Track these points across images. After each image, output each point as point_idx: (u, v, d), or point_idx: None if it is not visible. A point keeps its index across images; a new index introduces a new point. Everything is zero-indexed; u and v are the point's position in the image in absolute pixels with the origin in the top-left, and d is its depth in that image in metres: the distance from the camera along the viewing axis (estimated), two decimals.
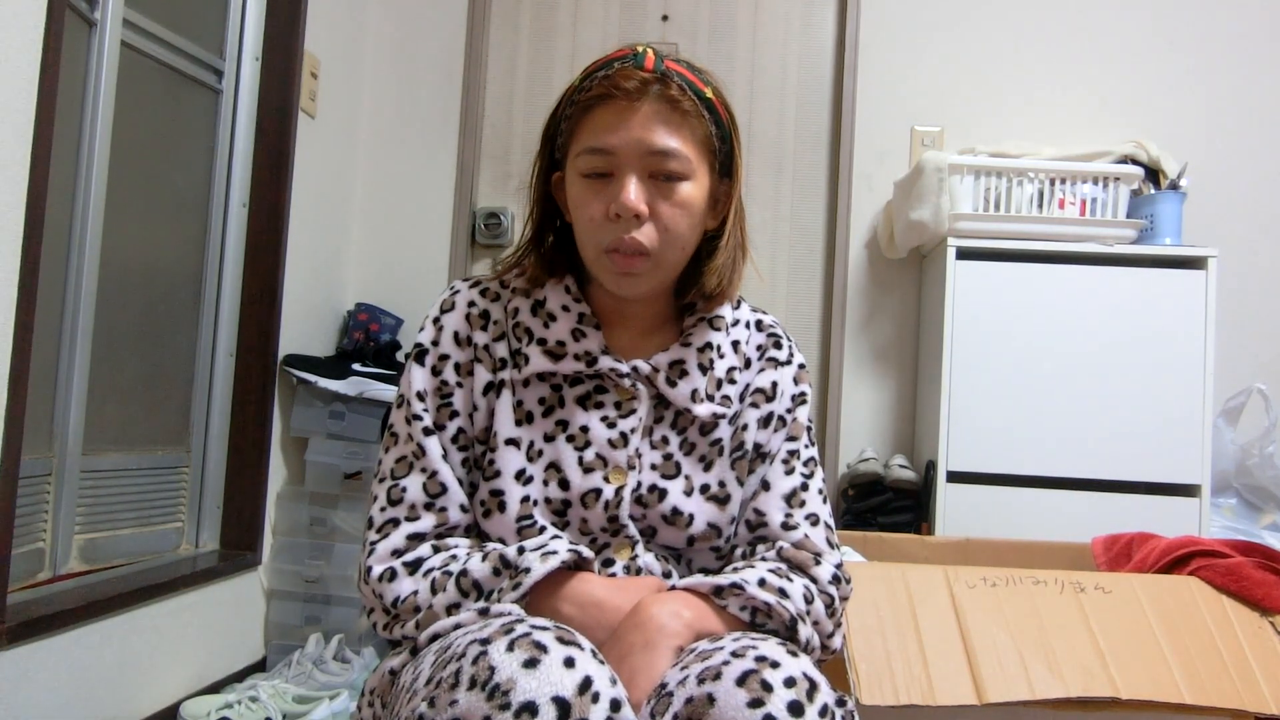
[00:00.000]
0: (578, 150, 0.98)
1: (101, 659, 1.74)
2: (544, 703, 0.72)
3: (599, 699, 0.74)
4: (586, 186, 0.98)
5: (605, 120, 0.96)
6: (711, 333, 1.06)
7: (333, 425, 2.31)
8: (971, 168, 2.35)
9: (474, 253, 2.84)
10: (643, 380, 1.03)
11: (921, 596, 1.41)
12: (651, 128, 0.95)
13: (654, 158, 0.96)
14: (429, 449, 0.99)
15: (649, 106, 0.96)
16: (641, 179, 0.96)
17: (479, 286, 1.07)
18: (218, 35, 2.22)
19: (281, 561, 2.30)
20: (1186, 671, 1.32)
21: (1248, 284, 2.60)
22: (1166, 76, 2.68)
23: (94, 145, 1.81)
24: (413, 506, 0.98)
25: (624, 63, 0.97)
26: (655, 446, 1.02)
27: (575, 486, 0.99)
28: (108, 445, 1.92)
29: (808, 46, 2.81)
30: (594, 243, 0.98)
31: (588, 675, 0.75)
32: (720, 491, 1.03)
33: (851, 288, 2.71)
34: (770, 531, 1.03)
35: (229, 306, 2.25)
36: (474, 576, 0.91)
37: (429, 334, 1.04)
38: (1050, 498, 2.25)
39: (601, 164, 0.96)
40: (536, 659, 0.74)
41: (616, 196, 0.95)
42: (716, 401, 1.04)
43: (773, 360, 1.09)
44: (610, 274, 0.99)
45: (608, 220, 0.96)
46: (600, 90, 0.96)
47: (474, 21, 2.82)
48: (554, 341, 1.01)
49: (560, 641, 0.76)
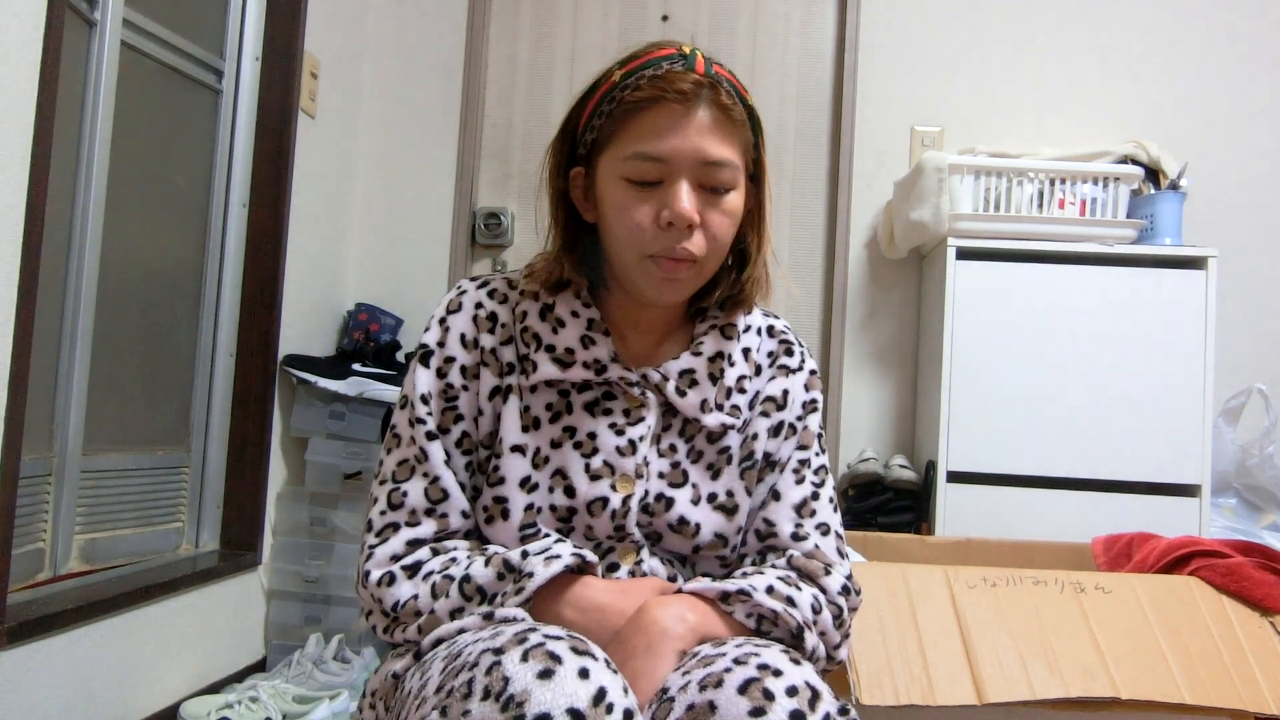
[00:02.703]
0: (623, 153, 0.94)
1: (101, 659, 1.74)
2: (559, 714, 0.71)
3: (613, 710, 0.74)
4: (632, 191, 0.94)
5: (657, 125, 0.93)
6: (724, 341, 1.05)
7: (333, 425, 2.31)
8: (971, 168, 2.35)
9: (474, 253, 2.84)
10: (652, 389, 1.01)
11: (921, 596, 1.41)
12: (706, 137, 0.93)
13: (707, 168, 0.93)
14: (431, 453, 0.98)
15: (703, 114, 0.93)
16: (692, 187, 0.94)
17: (487, 287, 1.04)
18: (218, 35, 2.22)
19: (281, 561, 2.30)
20: (1186, 671, 1.32)
21: (1248, 284, 2.60)
22: (1166, 76, 2.68)
23: (94, 145, 1.81)
24: (413, 511, 0.97)
25: (672, 63, 0.93)
26: (663, 455, 1.01)
27: (581, 494, 0.97)
28: (108, 445, 1.92)
29: (808, 46, 2.81)
30: (637, 248, 0.95)
31: (602, 686, 0.74)
32: (728, 501, 1.01)
33: (851, 288, 2.71)
34: (780, 541, 1.02)
35: (229, 306, 2.24)
36: (477, 581, 0.91)
37: (435, 335, 1.02)
38: (1050, 498, 2.25)
39: (652, 171, 0.93)
40: (551, 670, 0.73)
41: (671, 205, 0.93)
42: (726, 411, 1.02)
43: (784, 368, 1.08)
44: (654, 280, 0.96)
45: (655, 227, 0.94)
46: (652, 92, 0.92)
47: (474, 21, 2.82)
48: (563, 348, 0.99)
49: (575, 652, 0.76)
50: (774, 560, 1.01)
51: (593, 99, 0.97)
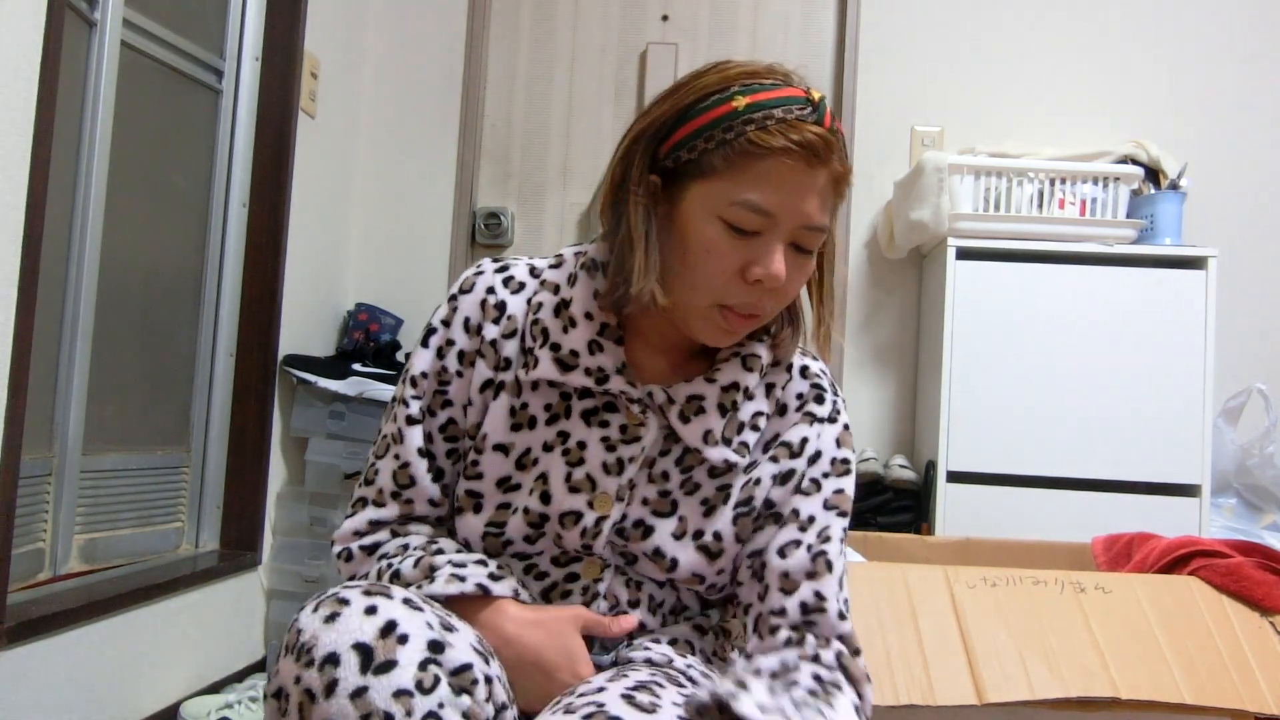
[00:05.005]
0: (732, 195, 0.86)
1: (101, 659, 1.74)
2: (344, 651, 0.73)
3: (408, 640, 0.75)
4: (727, 237, 0.88)
5: (779, 178, 0.86)
6: (742, 372, 0.97)
7: (333, 425, 2.31)
8: (971, 168, 2.35)
9: (474, 253, 2.84)
10: (655, 409, 0.95)
11: (921, 596, 1.41)
12: (818, 201, 0.88)
13: (805, 232, 0.89)
14: (407, 438, 0.98)
15: (824, 178, 0.88)
16: (785, 246, 0.89)
17: (505, 273, 1.00)
18: (218, 35, 2.22)
19: (281, 561, 2.30)
20: (1186, 671, 1.32)
21: (1248, 284, 2.59)
22: (1166, 76, 2.68)
23: (94, 145, 1.81)
24: (380, 491, 0.98)
25: (802, 109, 0.87)
26: (653, 480, 0.96)
27: (556, 503, 0.94)
28: (108, 445, 1.92)
29: (808, 46, 2.81)
30: (712, 294, 0.89)
31: (391, 619, 0.75)
32: (714, 544, 0.95)
33: (851, 288, 2.71)
34: (828, 624, 0.91)
35: (229, 306, 2.24)
36: (405, 579, 0.92)
37: (443, 312, 0.99)
38: (1050, 498, 2.25)
39: (756, 223, 0.87)
40: (337, 613, 0.76)
41: (766, 265, 0.87)
42: (733, 447, 0.95)
43: (810, 415, 0.99)
44: (714, 328, 0.91)
45: (740, 280, 0.88)
46: (782, 142, 0.85)
47: (474, 21, 2.82)
48: (567, 350, 0.94)
49: (365, 594, 0.78)
50: (817, 649, 0.89)
51: (702, 116, 0.88)
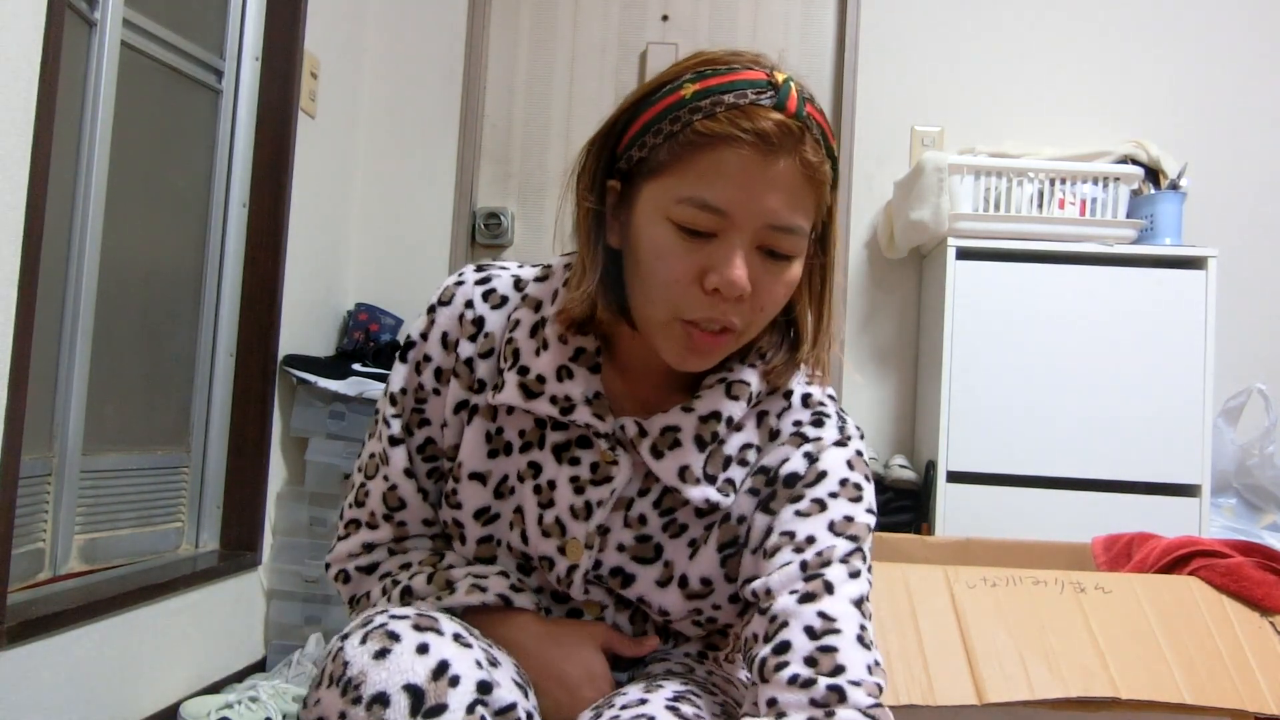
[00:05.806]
0: (677, 192, 0.77)
1: (101, 659, 1.74)
2: (394, 692, 0.71)
3: (459, 682, 0.72)
4: (677, 239, 0.78)
5: (728, 170, 0.75)
6: (725, 400, 0.85)
7: (333, 425, 2.31)
8: (971, 168, 2.35)
9: (474, 253, 2.84)
10: (626, 444, 0.86)
11: (921, 596, 1.41)
12: (780, 196, 0.76)
13: (773, 233, 0.77)
14: (393, 459, 0.92)
15: (784, 167, 0.76)
16: (749, 250, 0.77)
17: (486, 284, 0.91)
18: (218, 35, 2.22)
19: (281, 561, 2.30)
20: (1186, 671, 1.32)
21: (1248, 284, 2.59)
22: (1166, 76, 2.68)
23: (94, 145, 1.81)
24: (372, 514, 0.94)
25: (759, 92, 0.76)
26: (629, 525, 0.87)
27: (533, 545, 0.88)
28: (108, 445, 1.92)
29: (808, 46, 2.81)
30: (668, 306, 0.79)
31: (444, 660, 0.73)
32: (702, 588, 0.88)
33: (851, 288, 2.72)
34: (854, 680, 0.77)
35: (229, 306, 2.24)
36: (418, 594, 0.89)
37: (421, 325, 0.92)
38: (1050, 498, 2.25)
39: (707, 222, 0.76)
40: (387, 649, 0.73)
41: (722, 270, 0.76)
42: (717, 485, 0.85)
43: (800, 436, 0.87)
44: (677, 347, 0.81)
45: (698, 289, 0.78)
46: (728, 128, 0.75)
47: (474, 21, 2.82)
48: (534, 375, 0.85)
49: (416, 629, 0.74)
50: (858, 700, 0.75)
51: (651, 108, 0.79)
